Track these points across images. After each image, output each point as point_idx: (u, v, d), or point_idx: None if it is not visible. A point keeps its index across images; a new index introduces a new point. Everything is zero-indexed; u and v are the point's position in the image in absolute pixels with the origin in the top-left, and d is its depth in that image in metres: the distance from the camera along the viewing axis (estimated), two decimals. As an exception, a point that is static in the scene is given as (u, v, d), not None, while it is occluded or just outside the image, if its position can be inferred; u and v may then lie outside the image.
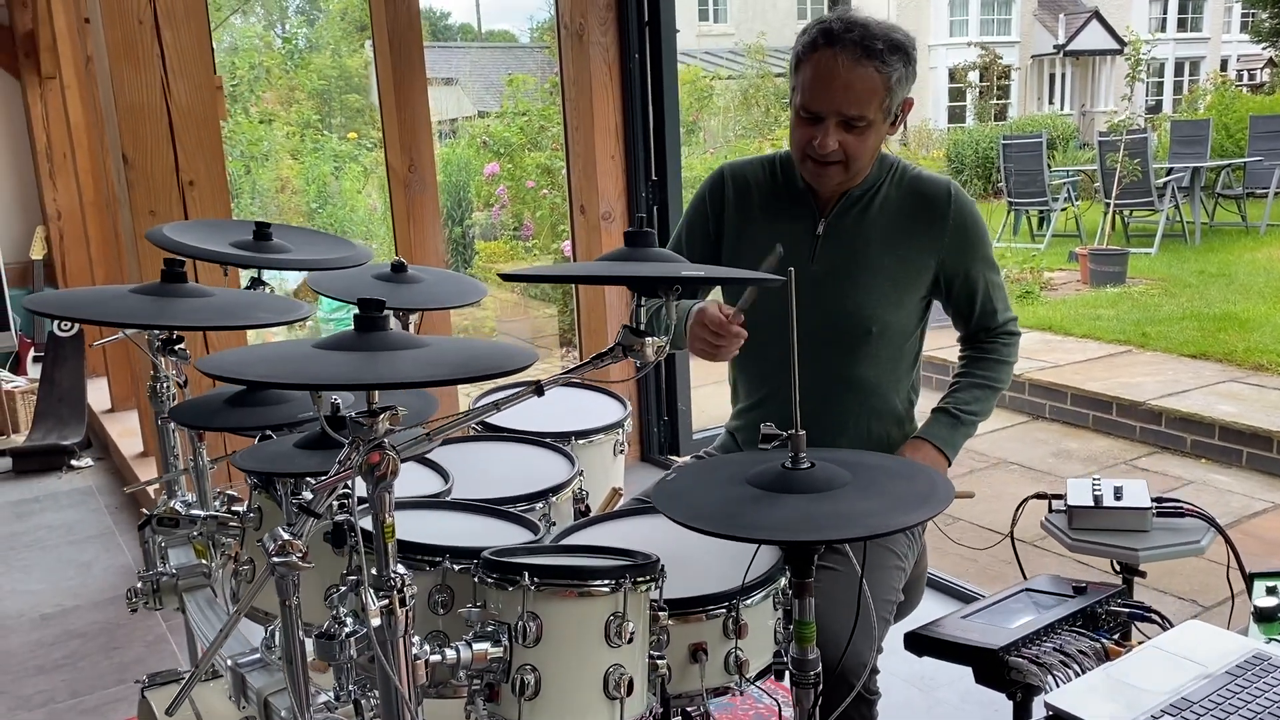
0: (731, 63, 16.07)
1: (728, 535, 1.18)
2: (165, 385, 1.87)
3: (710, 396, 4.19)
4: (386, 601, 1.11)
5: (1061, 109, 24.26)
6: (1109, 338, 6.27)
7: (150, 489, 3.30)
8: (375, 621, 1.10)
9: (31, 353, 5.29)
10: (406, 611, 1.12)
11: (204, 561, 1.78)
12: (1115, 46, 24.09)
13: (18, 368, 5.28)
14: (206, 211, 3.13)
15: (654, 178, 3.88)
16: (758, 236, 1.90)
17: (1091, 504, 1.77)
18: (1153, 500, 1.77)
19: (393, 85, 3.56)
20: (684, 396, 4.11)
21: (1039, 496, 1.87)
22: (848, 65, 1.69)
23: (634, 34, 3.79)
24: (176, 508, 1.70)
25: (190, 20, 3.02)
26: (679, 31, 3.92)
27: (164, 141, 3.04)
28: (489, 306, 7.42)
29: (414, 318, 2.33)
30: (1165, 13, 25.93)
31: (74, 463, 4.46)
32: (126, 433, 4.42)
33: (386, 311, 1.17)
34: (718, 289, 2.12)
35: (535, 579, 1.24)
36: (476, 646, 1.24)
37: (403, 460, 1.12)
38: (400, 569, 1.13)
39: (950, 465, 1.86)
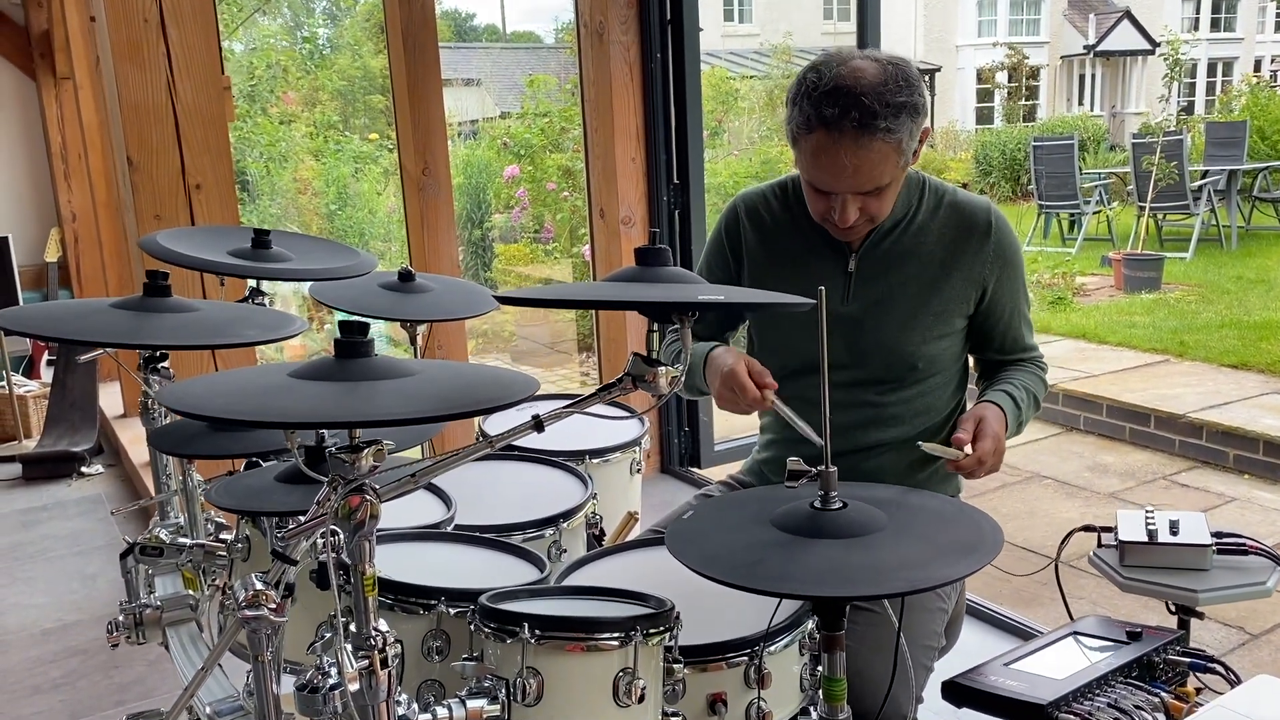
0: (756, 63, 15.92)
1: (748, 588, 1.06)
2: (155, 402, 1.77)
3: (733, 407, 4.06)
4: (366, 662, 0.99)
5: (1091, 110, 23.93)
6: (1145, 346, 6.09)
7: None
8: (354, 686, 0.98)
9: (45, 356, 5.23)
10: (389, 673, 1.01)
11: (191, 593, 1.67)
12: (1147, 47, 23.74)
13: (31, 372, 5.22)
14: (214, 216, 3.03)
15: (676, 182, 3.76)
16: (784, 278, 1.75)
17: (1145, 539, 1.63)
18: (1213, 535, 1.63)
19: (407, 86, 3.46)
20: (706, 406, 3.99)
21: (1087, 529, 1.73)
22: (851, 150, 1.52)
23: (655, 34, 3.67)
24: (161, 535, 1.60)
25: (197, 18, 2.93)
26: (702, 31, 3.79)
27: (170, 143, 2.94)
28: (509, 310, 7.32)
29: (421, 329, 2.23)
30: (1198, 12, 25.54)
31: (84, 470, 4.39)
32: (137, 439, 4.34)
33: (373, 336, 1.06)
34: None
35: (536, 630, 1.12)
36: (471, 704, 1.13)
37: (384, 501, 1.01)
38: (382, 626, 1.01)
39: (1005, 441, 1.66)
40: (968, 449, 1.58)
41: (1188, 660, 1.48)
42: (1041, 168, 10.52)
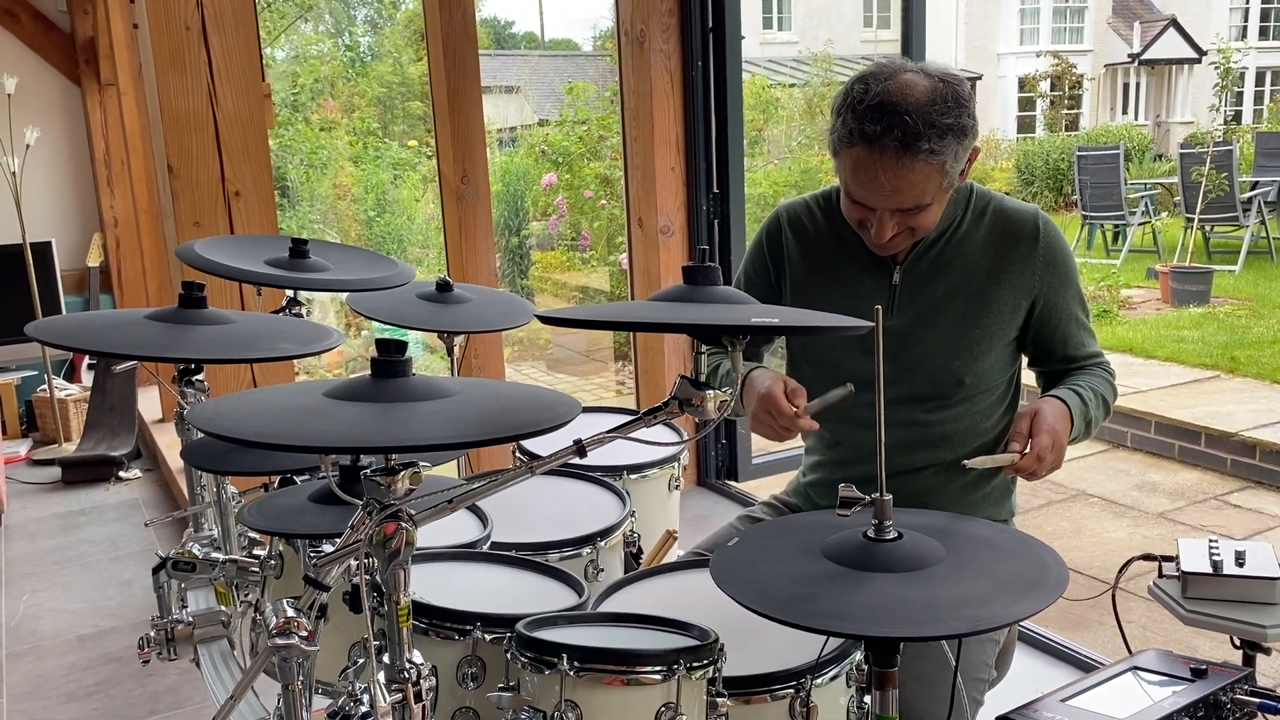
0: (796, 71, 15.82)
1: (797, 624, 1.00)
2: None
3: (771, 419, 3.99)
4: (400, 696, 0.96)
5: (1136, 119, 23.58)
6: (1194, 361, 5.94)
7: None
8: (386, 720, 0.94)
9: (86, 360, 5.27)
10: (423, 707, 0.97)
11: (224, 609, 1.64)
12: (1193, 55, 23.37)
13: (72, 375, 5.26)
14: (252, 223, 3.03)
15: (715, 191, 3.71)
16: (827, 292, 1.71)
17: (1209, 570, 1.56)
18: (1281, 568, 1.55)
19: (446, 93, 3.44)
20: (743, 419, 3.92)
21: (1147, 558, 1.66)
22: (891, 168, 1.47)
23: (697, 41, 3.62)
24: (194, 550, 1.57)
25: (239, 26, 2.92)
26: (743, 39, 3.74)
27: (210, 151, 2.94)
28: (545, 318, 7.28)
29: (459, 340, 2.20)
30: (1246, 21, 25.10)
31: (122, 474, 4.41)
32: (175, 444, 4.34)
33: (410, 355, 1.02)
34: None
35: (575, 662, 1.08)
36: (507, 737, 1.09)
37: (419, 526, 0.97)
38: (417, 657, 0.97)
39: (1069, 442, 1.59)
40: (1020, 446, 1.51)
41: (1256, 700, 1.40)
42: (1086, 178, 10.35)
